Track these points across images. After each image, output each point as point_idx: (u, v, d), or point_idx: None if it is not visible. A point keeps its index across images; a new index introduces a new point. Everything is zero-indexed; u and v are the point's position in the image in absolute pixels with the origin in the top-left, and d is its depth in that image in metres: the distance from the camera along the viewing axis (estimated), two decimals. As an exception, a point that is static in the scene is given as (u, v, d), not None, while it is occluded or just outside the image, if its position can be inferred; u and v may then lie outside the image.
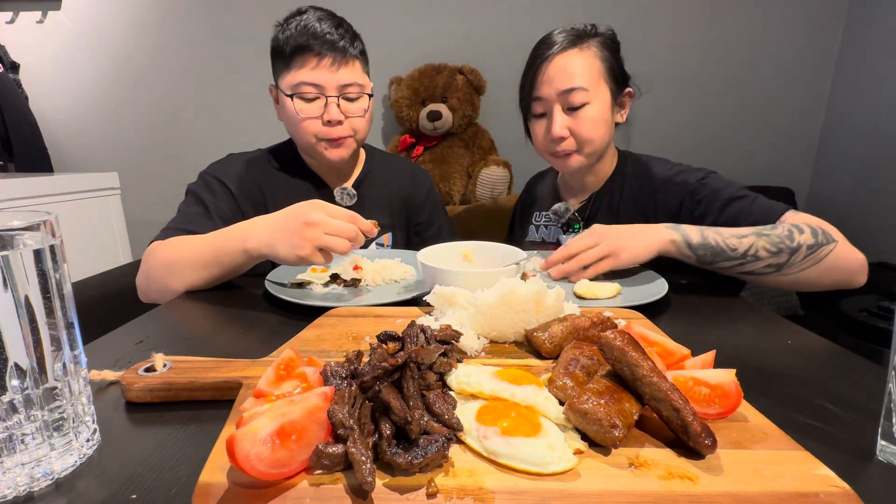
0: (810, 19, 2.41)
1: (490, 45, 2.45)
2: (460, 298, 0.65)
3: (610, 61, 1.04)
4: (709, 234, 0.84)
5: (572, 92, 1.00)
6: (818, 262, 0.81)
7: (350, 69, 1.04)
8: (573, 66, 1.01)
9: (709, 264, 0.85)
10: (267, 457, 0.33)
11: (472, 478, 0.35)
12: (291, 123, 1.07)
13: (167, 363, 0.51)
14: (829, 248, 0.81)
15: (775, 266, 0.82)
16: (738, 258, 0.82)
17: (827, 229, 0.84)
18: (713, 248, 0.83)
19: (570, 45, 1.02)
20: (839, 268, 0.82)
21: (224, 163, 1.14)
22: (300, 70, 1.02)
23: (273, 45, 1.06)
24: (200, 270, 0.85)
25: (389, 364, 0.40)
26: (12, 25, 2.49)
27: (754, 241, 0.82)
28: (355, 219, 0.78)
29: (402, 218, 1.25)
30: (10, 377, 0.35)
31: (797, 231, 0.82)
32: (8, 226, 0.36)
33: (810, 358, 0.65)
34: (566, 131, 1.03)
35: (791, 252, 0.81)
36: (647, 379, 0.40)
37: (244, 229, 0.83)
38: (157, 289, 0.89)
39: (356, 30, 1.08)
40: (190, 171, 1.14)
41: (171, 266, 0.87)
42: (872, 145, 2.27)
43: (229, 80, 2.57)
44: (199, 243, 0.87)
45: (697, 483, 0.35)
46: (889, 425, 0.41)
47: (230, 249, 0.83)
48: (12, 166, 2.36)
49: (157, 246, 0.91)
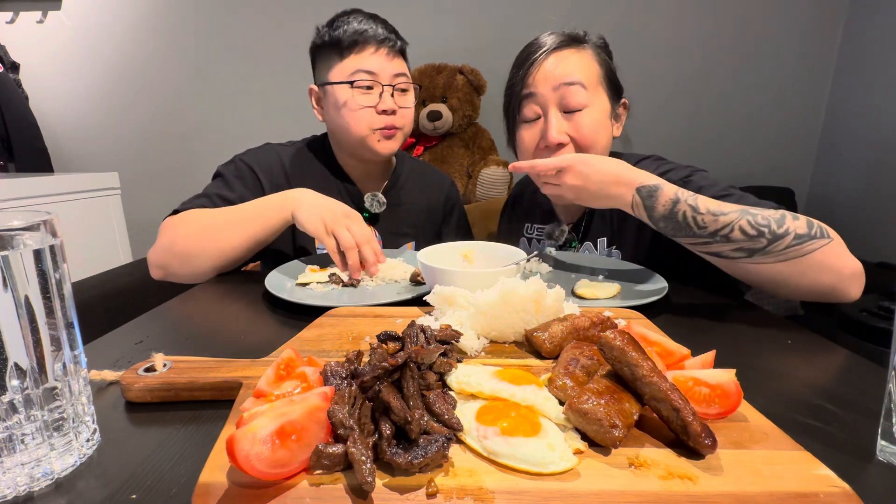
0: (810, 19, 2.41)
1: (490, 45, 2.45)
2: (460, 298, 0.65)
3: (607, 67, 0.98)
4: (682, 207, 0.75)
5: (571, 87, 0.91)
6: (801, 257, 0.72)
7: (400, 62, 1.09)
8: (572, 63, 0.93)
9: (671, 236, 0.78)
10: (267, 457, 0.33)
11: (472, 478, 0.35)
12: (342, 116, 1.06)
13: (167, 363, 0.51)
14: (819, 244, 0.72)
15: (747, 251, 0.73)
16: (705, 237, 0.75)
17: (827, 229, 0.74)
18: (678, 222, 0.76)
19: (566, 45, 0.95)
20: (826, 267, 0.72)
21: (260, 152, 1.14)
22: (357, 57, 1.04)
23: (319, 43, 1.08)
24: (238, 230, 0.91)
25: (389, 364, 0.40)
26: (12, 25, 2.50)
27: (733, 220, 0.73)
28: (372, 240, 0.90)
29: (426, 228, 1.27)
30: (10, 377, 0.35)
31: (791, 217, 0.73)
32: (8, 226, 0.36)
33: (810, 358, 0.64)
34: (565, 137, 0.93)
35: (773, 238, 0.72)
36: (647, 379, 0.40)
37: (283, 193, 0.95)
38: (181, 253, 0.91)
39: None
40: (190, 171, 1.15)
41: (208, 228, 0.92)
42: (872, 145, 2.27)
43: (229, 80, 2.57)
44: (232, 208, 0.95)
45: (697, 483, 0.35)
46: (889, 425, 0.41)
47: (269, 205, 0.94)
48: (12, 166, 2.37)
49: (183, 216, 0.93)
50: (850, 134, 2.39)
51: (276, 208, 0.93)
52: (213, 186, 1.05)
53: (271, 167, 1.10)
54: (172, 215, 0.96)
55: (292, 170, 1.13)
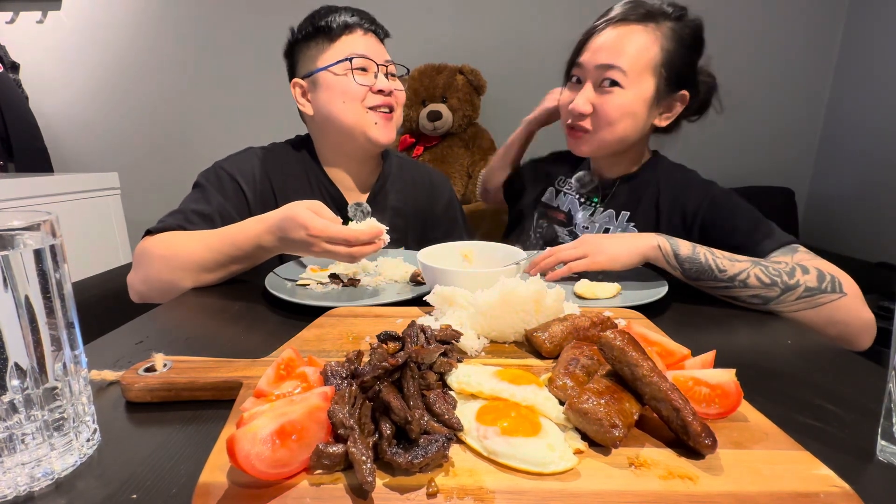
0: (810, 19, 2.41)
1: (490, 45, 2.45)
2: (460, 298, 0.65)
3: (672, 55, 0.95)
4: (700, 250, 0.81)
5: (607, 69, 0.94)
6: (812, 308, 0.76)
7: (386, 48, 1.09)
8: (623, 42, 0.94)
9: (694, 280, 0.82)
10: (267, 457, 0.33)
11: (472, 478, 0.35)
12: (337, 99, 1.02)
13: (167, 363, 0.51)
14: (830, 298, 0.76)
15: (763, 298, 0.77)
16: (725, 280, 0.79)
17: (842, 280, 0.78)
18: (701, 264, 0.80)
19: (634, 19, 0.94)
20: (837, 321, 0.77)
21: (241, 158, 1.09)
22: (349, 39, 1.03)
23: (301, 36, 1.06)
24: (214, 261, 0.85)
25: (389, 364, 0.40)
26: (12, 25, 2.50)
27: (748, 268, 0.78)
28: (350, 233, 0.76)
29: (416, 231, 1.20)
30: (10, 377, 0.35)
31: (801, 270, 0.77)
32: (8, 226, 0.36)
33: (810, 358, 0.65)
34: (588, 107, 0.97)
35: (785, 289, 0.76)
36: (647, 379, 0.40)
37: (256, 228, 0.83)
38: (158, 287, 0.87)
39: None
40: (190, 172, 1.13)
41: (177, 259, 0.85)
42: (873, 145, 2.27)
43: (229, 80, 2.57)
44: (209, 238, 0.86)
45: (697, 483, 0.35)
46: (889, 425, 0.41)
47: (245, 241, 0.84)
48: (12, 166, 2.37)
49: (156, 241, 0.88)
50: (850, 134, 2.39)
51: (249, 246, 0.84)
52: (189, 200, 0.99)
53: (253, 173, 1.06)
54: (148, 236, 0.91)
55: (274, 174, 1.08)
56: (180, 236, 0.89)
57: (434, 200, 1.22)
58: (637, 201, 1.05)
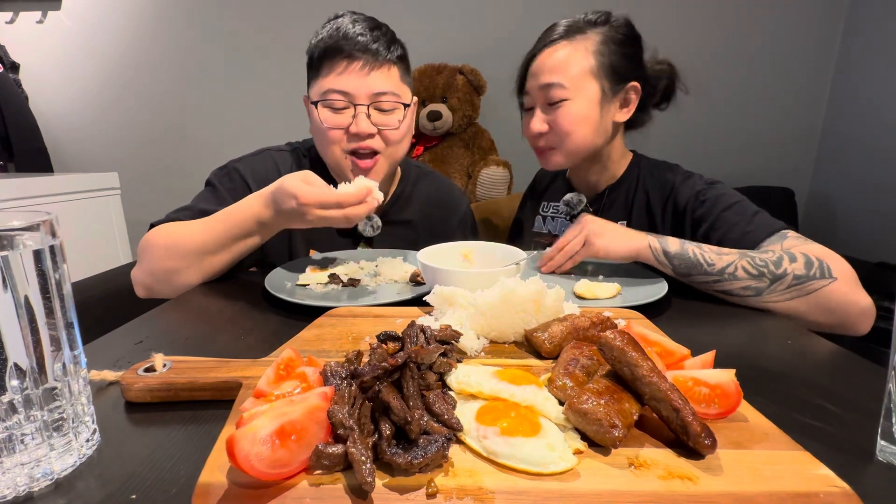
0: (810, 19, 2.41)
1: (490, 45, 2.45)
2: (460, 298, 0.65)
3: (609, 56, 0.99)
4: (689, 246, 0.83)
5: (550, 88, 0.99)
6: (805, 296, 0.76)
7: (384, 75, 0.96)
8: (556, 61, 0.99)
9: (685, 276, 0.83)
10: (267, 457, 0.33)
11: (472, 478, 0.35)
12: (318, 137, 1.01)
13: (167, 363, 0.51)
14: (820, 284, 0.76)
15: (754, 290, 0.78)
16: (715, 274, 0.80)
17: (831, 264, 0.77)
18: (689, 259, 0.82)
19: (563, 37, 1.00)
20: (831, 309, 0.76)
21: (256, 159, 1.07)
22: (328, 76, 0.95)
23: (307, 54, 1.01)
24: (216, 241, 0.85)
25: (389, 364, 0.40)
26: (12, 25, 2.50)
27: (735, 260, 0.79)
28: (339, 197, 0.77)
29: (427, 244, 1.18)
30: (10, 377, 0.35)
31: (788, 258, 0.78)
32: (8, 226, 0.36)
33: (810, 358, 0.64)
34: (544, 126, 1.02)
35: (774, 278, 0.77)
36: (646, 379, 0.40)
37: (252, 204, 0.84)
38: (163, 277, 0.86)
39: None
40: (190, 171, 1.13)
41: (184, 244, 0.85)
42: (872, 145, 2.27)
43: (229, 80, 2.57)
44: (209, 221, 0.86)
45: (697, 483, 0.35)
46: (889, 425, 0.41)
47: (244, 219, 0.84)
48: (12, 166, 2.37)
49: (158, 230, 0.88)
50: (850, 134, 2.39)
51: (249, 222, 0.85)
52: (199, 199, 0.99)
53: (267, 176, 1.01)
54: (152, 228, 0.91)
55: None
56: (182, 224, 0.89)
57: (448, 215, 1.22)
58: (629, 209, 1.08)
